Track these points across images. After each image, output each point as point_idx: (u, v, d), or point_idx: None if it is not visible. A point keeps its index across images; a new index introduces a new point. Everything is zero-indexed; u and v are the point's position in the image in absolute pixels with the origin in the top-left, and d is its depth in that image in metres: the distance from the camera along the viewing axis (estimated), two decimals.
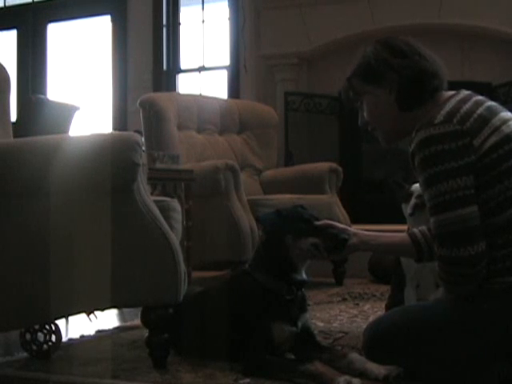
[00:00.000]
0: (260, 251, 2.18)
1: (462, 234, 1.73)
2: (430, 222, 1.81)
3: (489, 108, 1.84)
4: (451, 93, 1.91)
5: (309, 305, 3.28)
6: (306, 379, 1.89)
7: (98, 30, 6.71)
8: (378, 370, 1.89)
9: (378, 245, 2.08)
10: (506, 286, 1.76)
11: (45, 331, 2.35)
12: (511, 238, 1.76)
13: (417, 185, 2.46)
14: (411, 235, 2.04)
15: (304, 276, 2.13)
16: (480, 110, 1.81)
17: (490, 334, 1.77)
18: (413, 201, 2.46)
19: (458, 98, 1.86)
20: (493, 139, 1.76)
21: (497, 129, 1.78)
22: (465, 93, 1.90)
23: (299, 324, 2.10)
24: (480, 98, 1.88)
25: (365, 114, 2.02)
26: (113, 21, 6.51)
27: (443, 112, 1.79)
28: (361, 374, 1.91)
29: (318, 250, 2.05)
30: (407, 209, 2.48)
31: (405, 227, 2.55)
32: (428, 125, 1.78)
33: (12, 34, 6.98)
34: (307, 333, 2.13)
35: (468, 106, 1.82)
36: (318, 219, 2.13)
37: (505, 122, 1.81)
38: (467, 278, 1.76)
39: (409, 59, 1.90)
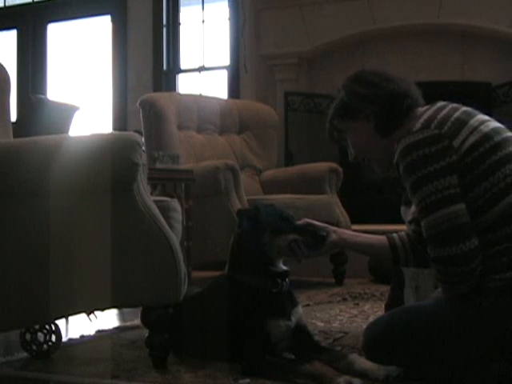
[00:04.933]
0: (235, 252, 2.17)
1: (452, 232, 1.76)
2: (422, 226, 1.84)
3: (465, 112, 1.89)
4: (426, 106, 1.97)
5: (308, 304, 3.30)
6: (306, 379, 1.89)
7: (98, 30, 6.71)
8: (378, 370, 1.90)
9: (356, 243, 2.15)
10: (502, 283, 1.76)
11: (45, 331, 2.35)
12: (503, 234, 1.77)
13: None
14: (389, 239, 2.12)
15: (284, 267, 2.14)
16: (457, 114, 1.86)
17: (489, 333, 1.77)
18: (413, 208, 2.44)
19: (433, 108, 1.92)
20: (472, 139, 1.80)
21: (475, 129, 1.82)
22: (441, 103, 1.95)
23: (293, 319, 2.10)
24: (456, 105, 1.94)
25: (352, 150, 2.09)
26: (113, 21, 6.51)
27: (421, 120, 1.85)
28: (361, 374, 1.91)
29: (297, 246, 2.07)
30: (406, 214, 2.46)
31: (404, 227, 2.54)
32: (407, 133, 1.84)
33: (12, 34, 6.98)
34: (303, 330, 2.13)
35: (444, 112, 1.87)
36: (294, 219, 2.14)
37: (482, 122, 1.86)
38: (463, 276, 1.77)
39: (378, 87, 1.97)
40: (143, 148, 2.12)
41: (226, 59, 6.07)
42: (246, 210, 2.22)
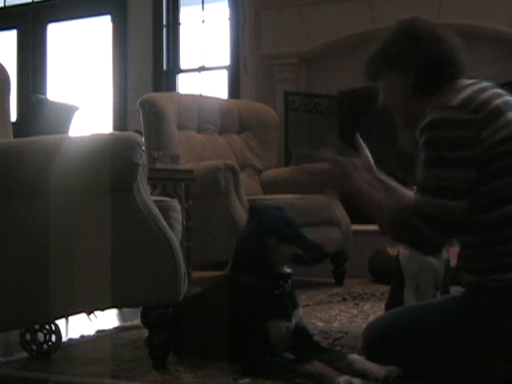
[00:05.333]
0: (238, 252, 2.16)
1: (442, 219, 1.76)
2: (415, 196, 1.84)
3: (506, 102, 1.82)
4: (470, 81, 1.90)
5: (308, 304, 3.30)
6: (306, 379, 1.89)
7: (98, 30, 6.71)
8: (377, 371, 1.89)
9: (385, 180, 2.21)
10: (503, 283, 1.75)
11: (45, 331, 2.35)
12: (508, 235, 1.76)
13: None
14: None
15: (286, 269, 2.13)
16: (497, 102, 1.79)
17: (490, 333, 1.77)
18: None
19: (476, 86, 1.85)
20: (503, 133, 1.75)
21: (508, 124, 1.77)
22: (485, 83, 1.89)
23: (293, 320, 2.10)
24: (499, 90, 1.87)
25: (381, 97, 2.03)
26: (113, 21, 6.51)
27: (460, 97, 1.79)
28: (361, 374, 1.91)
29: (299, 260, 2.06)
30: None
31: None
32: (442, 107, 1.78)
33: (12, 34, 6.97)
34: (303, 331, 2.13)
35: (486, 95, 1.81)
36: (297, 225, 2.11)
37: None
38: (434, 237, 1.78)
39: (427, 45, 1.90)
40: (143, 148, 2.12)
41: (226, 59, 6.07)
42: (257, 208, 2.19)
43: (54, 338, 2.35)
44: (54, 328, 2.36)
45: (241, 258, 2.15)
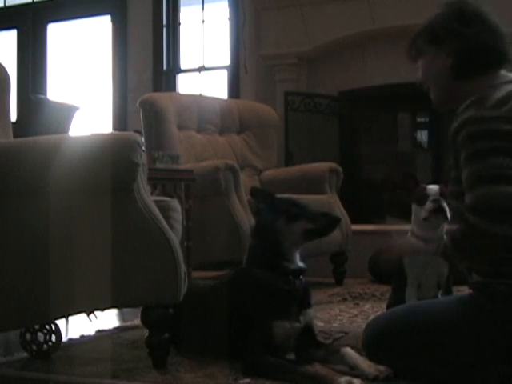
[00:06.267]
0: (252, 244, 2.17)
1: (502, 210, 1.68)
2: (467, 198, 1.75)
3: None
4: (511, 77, 1.87)
5: None
6: (306, 381, 1.88)
7: (98, 30, 6.71)
8: (368, 369, 1.88)
9: None
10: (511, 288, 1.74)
11: (45, 331, 2.35)
12: None
13: (432, 186, 2.40)
14: None
15: (300, 264, 2.11)
16: None
17: (496, 335, 1.75)
18: (428, 205, 2.37)
19: None
20: None
21: None
22: None
23: (302, 320, 2.08)
24: None
25: (420, 75, 2.02)
26: (113, 21, 6.51)
27: (495, 97, 1.77)
28: (352, 369, 1.91)
29: (312, 234, 2.06)
30: (420, 211, 2.39)
31: (404, 228, 2.53)
32: (477, 105, 1.77)
33: (12, 34, 6.98)
34: (309, 332, 2.11)
35: None
36: (308, 207, 2.12)
37: None
38: (485, 254, 1.73)
39: (473, 28, 1.89)
40: (143, 148, 2.12)
41: (226, 59, 6.07)
42: (260, 190, 2.17)
43: (54, 338, 2.35)
44: (54, 328, 2.36)
45: (253, 249, 2.16)
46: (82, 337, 2.71)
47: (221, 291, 2.23)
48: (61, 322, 2.47)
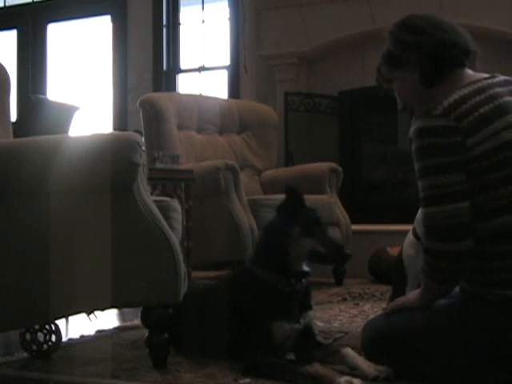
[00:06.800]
0: (259, 243, 2.17)
1: (449, 229, 1.72)
2: (421, 213, 1.80)
3: (499, 107, 1.76)
4: (475, 77, 1.86)
5: None
6: (306, 381, 1.88)
7: (98, 30, 6.71)
8: (368, 369, 1.88)
9: None
10: (502, 299, 1.74)
11: (45, 331, 2.35)
12: (504, 249, 1.73)
13: None
14: None
15: (303, 267, 2.10)
16: (485, 109, 1.75)
17: (487, 339, 1.75)
18: None
19: (473, 87, 1.80)
20: (487, 145, 1.72)
21: (496, 133, 1.72)
22: (484, 82, 1.83)
23: (302, 322, 2.08)
24: (499, 91, 1.81)
25: (398, 99, 2.03)
26: (113, 21, 6.51)
27: (445, 103, 1.76)
28: (352, 369, 1.91)
29: (316, 256, 2.04)
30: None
31: (404, 227, 2.53)
32: (426, 114, 1.77)
33: (12, 34, 6.98)
34: (309, 333, 2.11)
35: (475, 100, 1.76)
36: (326, 229, 2.10)
37: (508, 126, 1.74)
38: (448, 274, 1.76)
39: (425, 34, 1.89)
40: (143, 148, 2.12)
41: (226, 59, 6.07)
42: (295, 190, 2.10)
43: (54, 338, 2.35)
44: (54, 328, 2.35)
45: (259, 249, 2.16)
46: (82, 337, 2.71)
47: (221, 291, 2.23)
48: (61, 322, 2.47)
